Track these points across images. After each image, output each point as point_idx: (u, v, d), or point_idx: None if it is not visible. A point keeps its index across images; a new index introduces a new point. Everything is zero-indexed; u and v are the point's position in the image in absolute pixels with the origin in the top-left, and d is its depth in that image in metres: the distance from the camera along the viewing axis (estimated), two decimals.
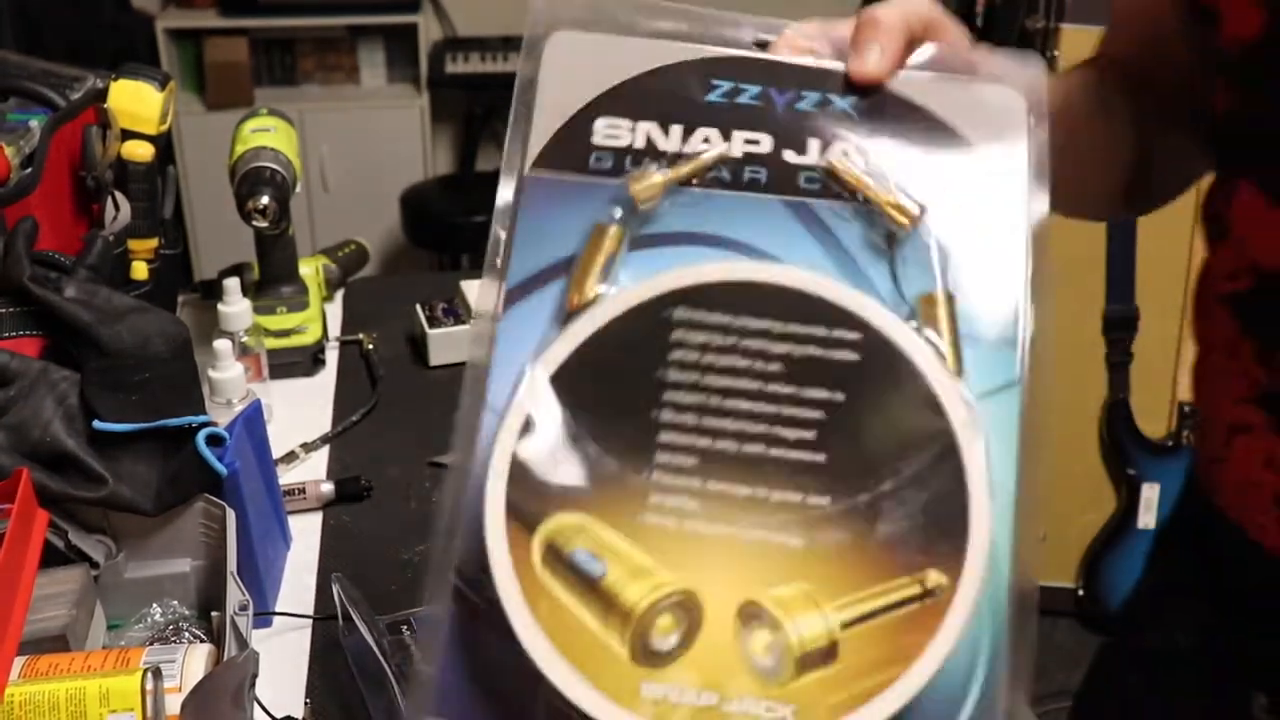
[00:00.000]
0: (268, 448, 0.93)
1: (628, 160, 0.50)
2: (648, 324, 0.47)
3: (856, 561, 0.45)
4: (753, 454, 0.46)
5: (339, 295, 1.45)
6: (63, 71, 1.07)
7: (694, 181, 0.50)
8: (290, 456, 1.11)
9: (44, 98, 1.02)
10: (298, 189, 1.25)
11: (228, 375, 1.07)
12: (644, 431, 0.46)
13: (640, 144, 0.51)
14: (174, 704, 0.63)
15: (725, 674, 0.44)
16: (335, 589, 0.83)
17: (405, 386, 1.26)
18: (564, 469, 0.46)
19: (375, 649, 0.77)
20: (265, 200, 1.20)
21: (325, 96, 3.28)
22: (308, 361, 1.27)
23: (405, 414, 1.20)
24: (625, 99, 0.51)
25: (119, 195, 1.05)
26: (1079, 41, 2.09)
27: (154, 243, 1.11)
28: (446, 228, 3.17)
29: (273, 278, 1.27)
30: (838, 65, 0.52)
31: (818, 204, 0.50)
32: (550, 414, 0.46)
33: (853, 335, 0.47)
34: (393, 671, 0.76)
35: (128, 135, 1.07)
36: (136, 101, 1.07)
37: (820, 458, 0.46)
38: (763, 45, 0.54)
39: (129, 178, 1.07)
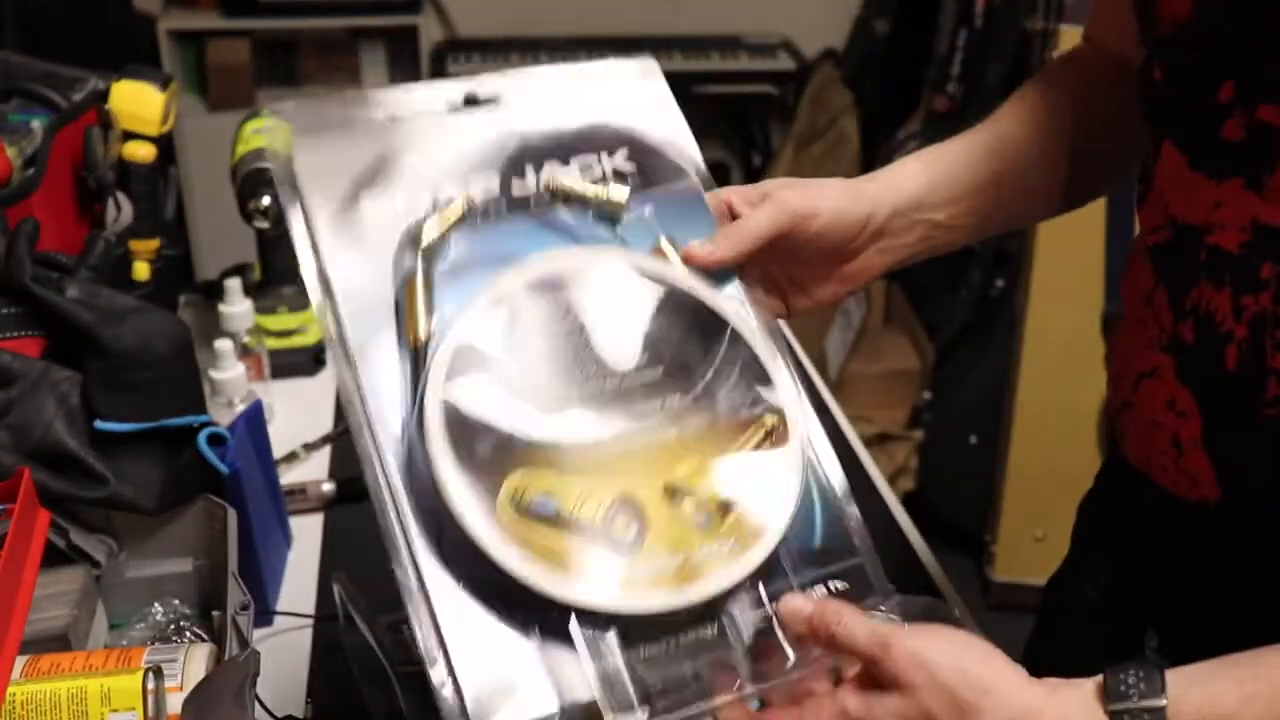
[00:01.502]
0: (269, 448, 0.93)
1: (401, 224, 0.62)
2: (505, 313, 0.60)
3: (718, 430, 0.61)
4: (613, 387, 0.60)
5: None
6: (65, 73, 1.08)
7: (458, 224, 0.63)
8: (291, 456, 1.11)
9: (46, 99, 1.03)
10: None
11: (229, 375, 1.07)
12: (535, 401, 0.59)
13: (400, 207, 0.63)
14: (175, 703, 0.63)
15: (681, 539, 0.58)
16: (336, 589, 0.83)
17: None
18: (496, 449, 0.57)
19: (376, 649, 0.77)
20: (267, 201, 1.20)
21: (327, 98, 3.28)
22: (309, 362, 1.27)
23: None
24: (380, 176, 0.63)
25: (121, 196, 1.05)
26: (1078, 42, 2.09)
27: (155, 243, 1.11)
28: None
29: (274, 278, 1.27)
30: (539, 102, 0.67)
31: (552, 214, 0.65)
32: (465, 421, 0.57)
33: (641, 283, 0.64)
34: (393, 671, 0.76)
35: (129, 136, 1.07)
36: (138, 102, 1.08)
37: (656, 372, 0.62)
38: (471, 100, 0.68)
39: (131, 178, 1.07)
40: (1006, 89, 2.43)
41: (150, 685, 0.62)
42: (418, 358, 0.59)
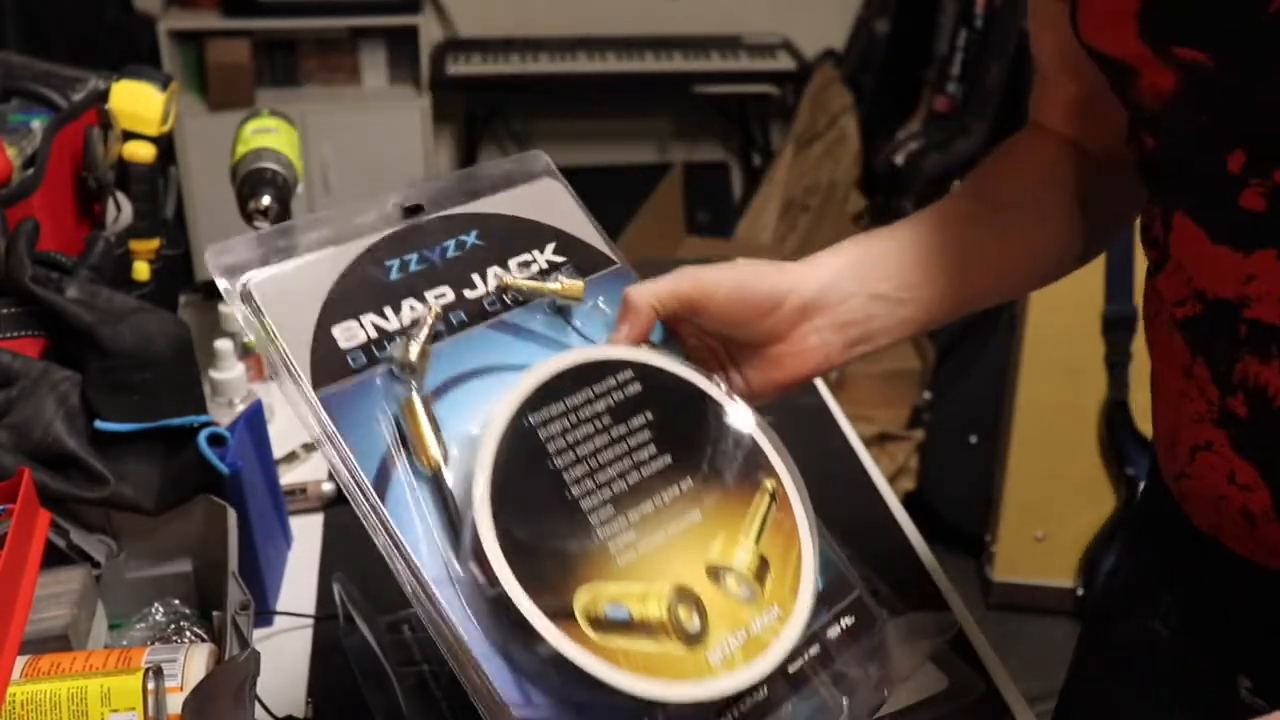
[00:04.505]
0: (269, 447, 0.93)
1: (373, 349, 0.61)
2: (520, 438, 0.60)
3: (731, 504, 0.63)
4: (635, 481, 0.61)
5: None
6: (65, 73, 1.08)
7: (430, 340, 0.62)
8: (291, 456, 1.11)
9: (46, 99, 1.03)
10: (299, 190, 1.25)
11: (229, 375, 1.07)
12: (573, 512, 0.59)
13: (373, 334, 0.62)
14: (175, 703, 0.63)
15: (736, 616, 0.59)
16: (336, 589, 0.83)
17: None
18: (552, 570, 0.57)
19: (376, 649, 0.77)
20: (266, 201, 1.20)
21: (327, 97, 3.28)
22: None
23: None
24: (340, 305, 0.62)
25: (120, 196, 1.05)
26: None
27: (155, 243, 1.11)
28: None
29: None
30: (460, 210, 0.68)
31: (505, 316, 0.66)
32: (517, 549, 0.57)
33: (628, 373, 0.64)
34: (393, 671, 0.76)
35: (129, 136, 1.07)
36: (138, 102, 1.08)
37: (667, 459, 0.63)
38: (410, 210, 0.67)
39: (130, 178, 1.07)
40: (1006, 89, 2.45)
41: (150, 685, 0.62)
42: (438, 483, 0.58)
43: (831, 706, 0.61)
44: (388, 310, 0.63)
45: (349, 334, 0.61)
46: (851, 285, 0.71)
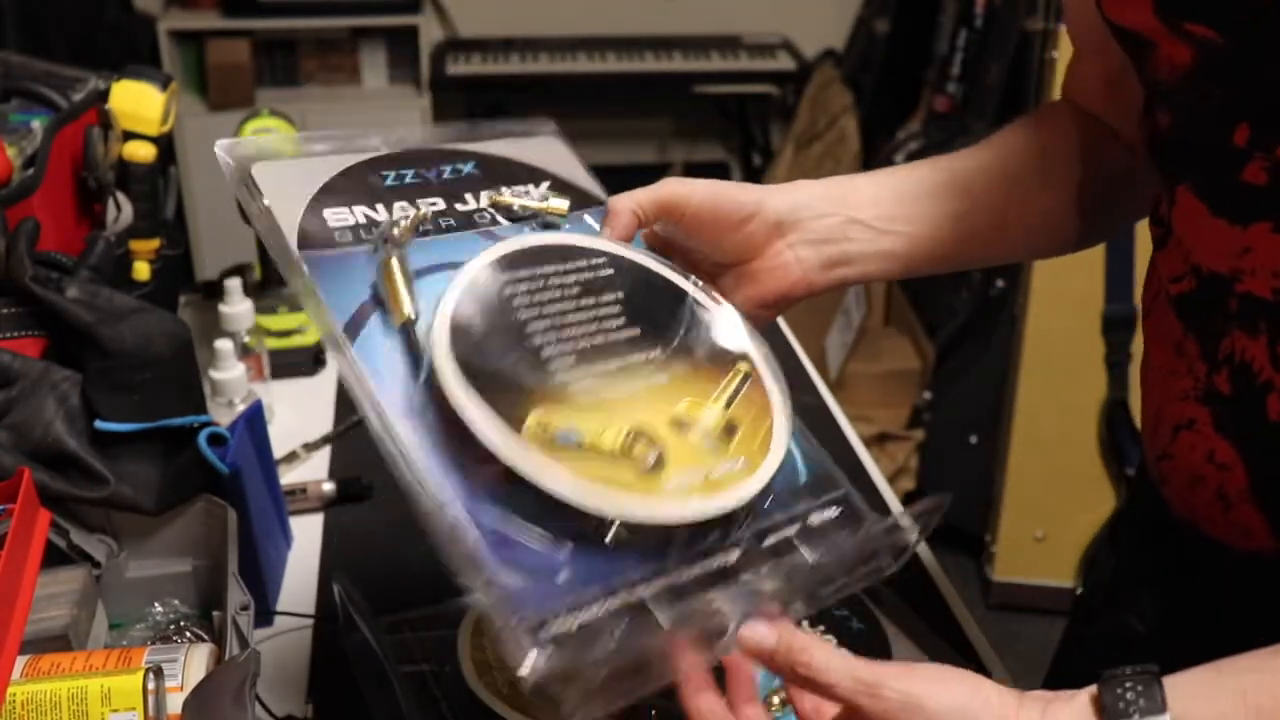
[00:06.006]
0: (269, 448, 0.93)
1: (360, 232, 0.66)
2: (486, 287, 0.63)
3: (700, 377, 0.65)
4: (601, 342, 0.63)
5: None
6: (65, 73, 1.08)
7: (417, 232, 0.67)
8: (291, 456, 1.11)
9: (46, 99, 1.03)
10: None
11: (229, 375, 1.08)
12: (533, 355, 0.61)
13: (362, 220, 0.67)
14: (175, 703, 0.63)
15: (699, 458, 0.60)
16: (336, 589, 0.83)
17: None
18: (504, 395, 0.58)
19: (376, 649, 0.77)
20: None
21: (327, 97, 3.28)
22: (309, 361, 1.27)
23: None
24: (335, 194, 0.67)
25: (120, 196, 1.05)
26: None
27: (156, 243, 1.11)
28: None
29: (274, 278, 1.27)
30: (462, 146, 0.73)
31: (495, 229, 0.69)
32: (471, 372, 0.59)
33: (602, 259, 0.68)
34: (393, 671, 0.76)
35: (129, 136, 1.07)
36: (138, 102, 1.08)
37: (635, 331, 0.65)
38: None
39: (131, 178, 1.07)
40: (1006, 89, 2.44)
41: (150, 685, 0.62)
42: (408, 335, 0.60)
43: (800, 564, 0.60)
44: (379, 206, 0.67)
45: (339, 217, 0.66)
46: (827, 206, 0.73)
